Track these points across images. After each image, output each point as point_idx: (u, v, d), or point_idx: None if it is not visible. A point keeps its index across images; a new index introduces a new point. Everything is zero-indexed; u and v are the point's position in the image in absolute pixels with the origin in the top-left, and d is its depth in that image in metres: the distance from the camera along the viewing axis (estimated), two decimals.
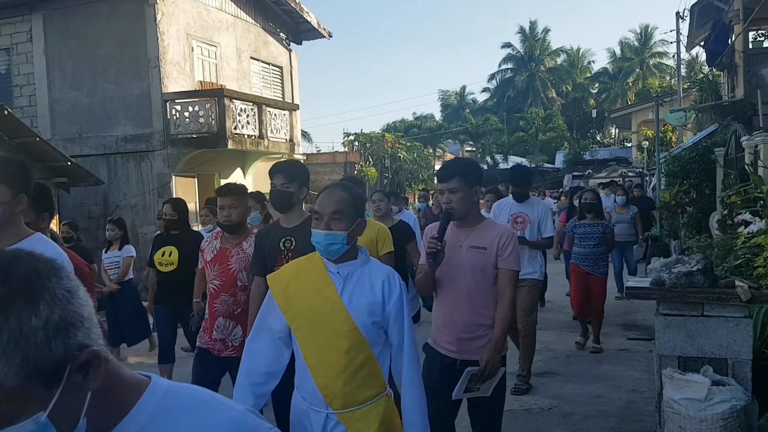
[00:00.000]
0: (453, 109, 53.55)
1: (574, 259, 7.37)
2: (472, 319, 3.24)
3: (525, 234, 5.70)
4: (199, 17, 15.09)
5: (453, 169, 3.28)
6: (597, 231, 7.20)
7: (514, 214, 5.83)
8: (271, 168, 3.76)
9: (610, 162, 31.84)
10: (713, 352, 3.81)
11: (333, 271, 2.51)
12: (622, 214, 10.07)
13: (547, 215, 5.90)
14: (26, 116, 14.09)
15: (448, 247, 3.12)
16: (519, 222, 5.80)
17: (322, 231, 2.44)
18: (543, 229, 5.85)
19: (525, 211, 5.84)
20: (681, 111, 15.62)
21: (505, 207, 5.96)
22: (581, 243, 7.25)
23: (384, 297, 2.49)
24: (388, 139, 24.84)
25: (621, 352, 7.05)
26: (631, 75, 47.22)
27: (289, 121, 16.10)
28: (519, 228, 5.70)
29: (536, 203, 6.05)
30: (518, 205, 5.89)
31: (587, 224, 7.25)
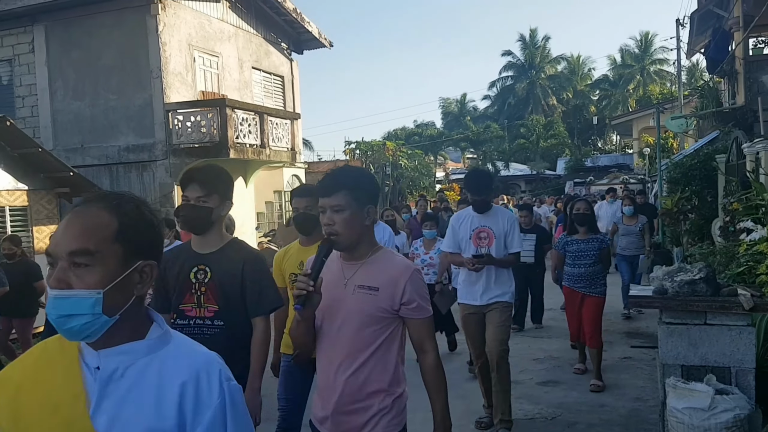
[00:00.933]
0: (454, 117, 53.61)
1: (567, 281, 6.37)
2: (355, 384, 2.41)
3: (491, 251, 4.97)
4: (201, 28, 15.15)
5: (338, 181, 2.45)
6: (592, 247, 6.18)
7: (477, 228, 5.03)
8: (183, 175, 3.09)
9: (612, 169, 31.87)
10: (716, 360, 3.81)
11: (91, 365, 1.37)
12: (630, 226, 9.28)
13: (513, 227, 5.09)
14: (28, 127, 14.14)
15: (331, 286, 2.35)
16: (483, 237, 5.03)
17: (53, 290, 1.31)
18: (509, 244, 5.04)
19: (489, 224, 5.02)
20: (682, 118, 15.63)
21: (466, 220, 5.11)
22: (575, 262, 6.24)
23: (181, 418, 1.33)
24: (389, 147, 24.88)
25: (624, 360, 7.04)
26: (631, 82, 47.29)
27: (290, 130, 16.13)
28: (484, 244, 5.01)
29: (500, 214, 5.15)
30: (480, 217, 5.05)
31: (580, 240, 6.23)
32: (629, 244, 9.25)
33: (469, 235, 5.03)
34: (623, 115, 33.95)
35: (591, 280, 6.22)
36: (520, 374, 6.63)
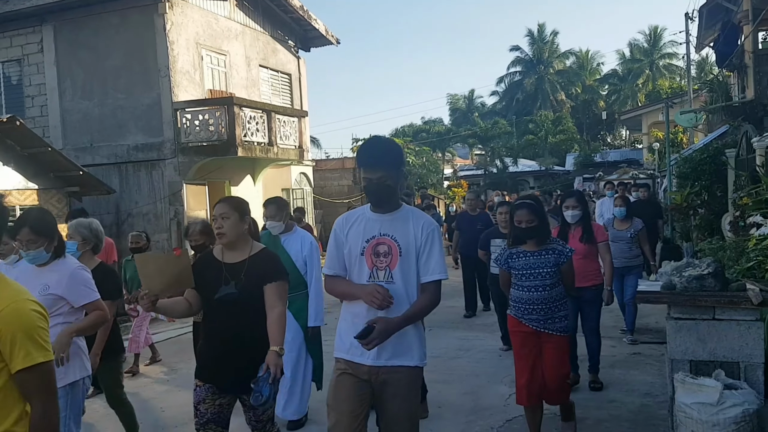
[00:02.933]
0: (462, 113, 53.51)
1: (513, 311, 4.56)
2: None
3: (393, 276, 3.06)
4: (208, 26, 15.19)
5: None
6: (546, 262, 4.42)
7: (373, 239, 3.10)
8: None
9: (621, 164, 31.71)
10: (725, 355, 3.80)
11: None
12: (621, 231, 7.60)
13: (432, 240, 3.11)
14: (38, 126, 14.24)
15: None
16: (381, 254, 3.08)
17: None
18: (424, 267, 3.09)
19: (392, 232, 3.10)
20: (691, 112, 15.55)
21: (356, 224, 3.17)
22: (522, 283, 4.47)
23: None
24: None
25: (634, 355, 7.02)
26: (640, 76, 47.06)
27: (298, 127, 16.16)
28: (382, 265, 3.06)
29: (414, 217, 3.17)
30: (380, 220, 3.14)
31: (529, 252, 4.47)
32: (619, 251, 7.43)
33: (360, 249, 3.10)
34: (632, 110, 33.77)
35: (548, 308, 4.41)
36: None
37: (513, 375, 5.68)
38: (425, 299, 3.09)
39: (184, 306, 3.62)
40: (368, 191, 3.11)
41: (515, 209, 4.54)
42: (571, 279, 4.57)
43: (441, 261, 3.13)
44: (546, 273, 4.41)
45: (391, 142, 3.28)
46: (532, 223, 4.39)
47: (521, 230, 4.45)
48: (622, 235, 7.60)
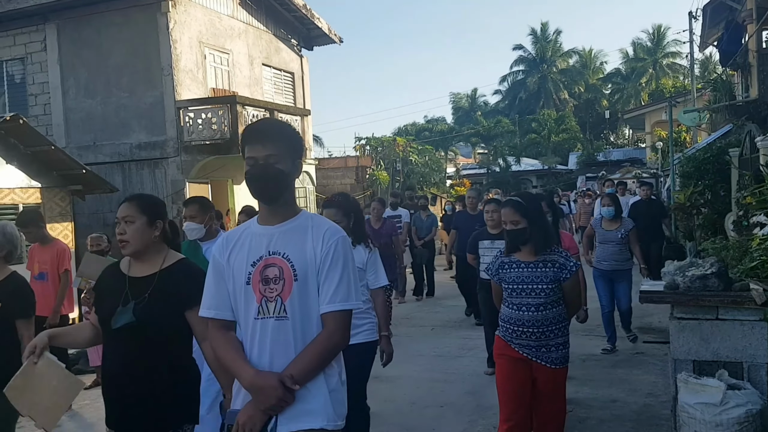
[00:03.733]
0: (464, 112, 53.48)
1: (502, 332, 3.85)
2: None
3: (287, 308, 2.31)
4: (211, 25, 15.20)
5: None
6: (543, 276, 3.69)
7: (261, 260, 2.34)
8: None
9: (624, 163, 31.69)
10: (728, 355, 3.79)
11: None
12: (609, 232, 7.16)
13: (336, 257, 2.33)
14: (41, 125, 14.25)
15: None
16: (272, 279, 2.32)
17: None
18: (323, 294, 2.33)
19: (284, 249, 2.35)
20: (695, 111, 15.51)
21: (241, 242, 2.41)
22: (515, 300, 3.75)
23: None
24: (399, 142, 24.86)
25: (636, 355, 7.01)
26: (644, 75, 46.95)
27: (300, 126, 16.16)
28: (272, 294, 2.31)
29: (316, 225, 2.41)
30: (268, 235, 2.38)
31: (524, 263, 3.76)
32: (607, 254, 7.16)
33: (245, 277, 2.33)
34: (636, 109, 33.73)
35: (541, 335, 3.68)
36: None
37: None
38: (319, 342, 2.25)
39: (87, 333, 3.01)
40: (251, 177, 2.32)
41: (504, 208, 3.89)
42: (576, 299, 3.84)
43: (346, 284, 2.31)
44: (541, 290, 3.64)
45: (287, 124, 2.63)
46: (517, 225, 3.70)
47: (508, 233, 3.83)
48: (611, 236, 7.14)
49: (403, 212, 11.19)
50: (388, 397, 5.87)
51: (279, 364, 2.25)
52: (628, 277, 7.25)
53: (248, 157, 2.33)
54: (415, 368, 6.80)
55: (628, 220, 7.42)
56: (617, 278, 7.21)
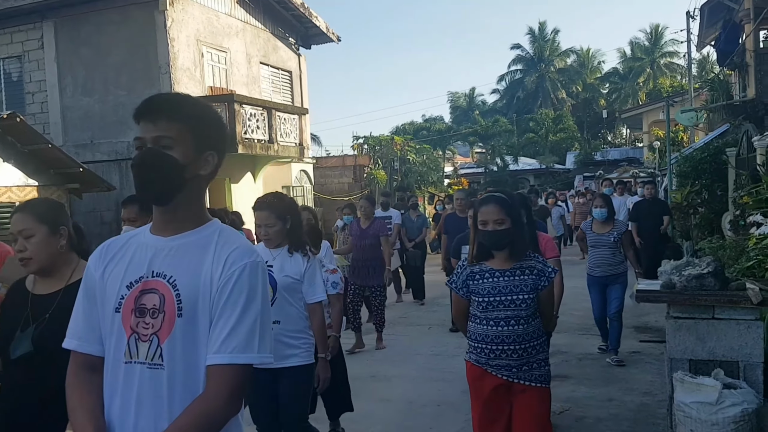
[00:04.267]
0: (462, 111, 53.49)
1: (475, 356, 3.30)
2: None
3: (164, 352, 1.71)
4: (209, 23, 15.18)
5: None
6: (523, 285, 3.21)
7: (137, 284, 1.74)
8: None
9: (622, 162, 31.74)
10: (724, 355, 3.80)
11: None
12: (601, 235, 6.74)
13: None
14: (38, 123, 14.23)
15: None
16: (148, 311, 1.72)
17: None
18: (212, 339, 1.68)
19: (171, 271, 1.75)
20: (692, 111, 15.53)
21: (121, 256, 1.81)
22: (488, 314, 3.23)
23: None
24: (397, 141, 24.84)
25: (633, 354, 7.02)
26: (641, 75, 47.01)
27: (298, 125, 16.16)
28: (147, 333, 1.71)
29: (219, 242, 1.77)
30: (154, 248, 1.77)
31: (499, 272, 3.24)
32: (600, 259, 6.75)
33: (115, 302, 1.74)
34: (633, 109, 33.75)
35: (524, 352, 3.19)
36: None
37: None
38: (196, 407, 1.63)
39: None
40: (132, 165, 1.74)
41: (480, 205, 3.26)
42: (550, 309, 3.37)
43: (247, 329, 1.66)
44: (522, 300, 3.16)
45: (200, 101, 1.92)
46: (501, 226, 3.15)
47: (488, 236, 3.18)
48: (603, 239, 6.71)
49: (394, 213, 10.72)
50: (386, 396, 5.88)
51: (145, 427, 1.66)
52: (622, 281, 6.80)
53: (135, 138, 1.76)
54: (412, 367, 6.81)
55: (622, 223, 7.05)
56: (610, 283, 6.76)
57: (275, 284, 3.51)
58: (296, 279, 3.60)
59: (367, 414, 5.41)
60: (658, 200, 10.57)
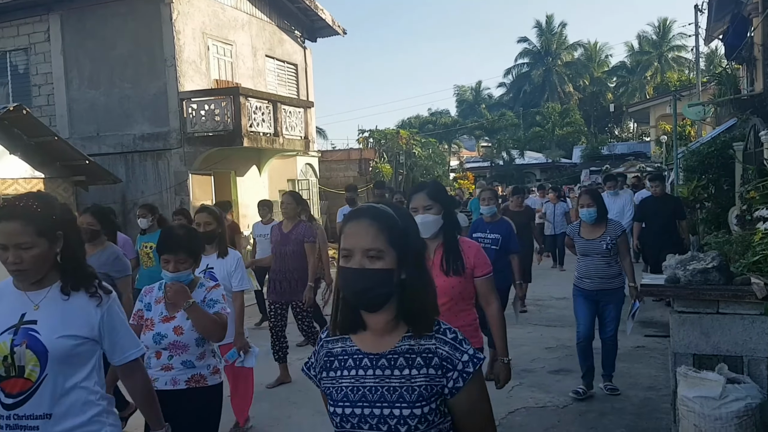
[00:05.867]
0: (468, 105, 53.37)
1: None
2: None
3: None
4: (215, 16, 15.17)
5: None
6: (406, 391, 1.67)
7: None
8: None
9: (629, 157, 31.60)
10: (728, 349, 3.78)
11: None
12: (592, 241, 5.50)
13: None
14: (45, 115, 14.26)
15: None
16: None
17: None
18: None
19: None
20: (699, 105, 15.43)
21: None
22: None
23: None
24: (402, 135, 24.79)
25: (638, 349, 7.01)
26: (649, 69, 46.79)
27: (303, 118, 16.14)
28: None
29: None
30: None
31: (371, 358, 1.74)
32: (590, 269, 5.50)
33: None
34: (640, 103, 33.59)
35: None
36: (532, 363, 6.63)
37: (516, 367, 5.67)
38: None
39: None
40: None
41: (345, 223, 1.80)
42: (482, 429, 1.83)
43: None
44: (399, 421, 1.66)
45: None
46: (376, 262, 1.74)
47: (350, 280, 1.86)
48: (593, 246, 5.48)
49: None
50: None
51: None
52: (617, 299, 5.52)
53: None
54: None
55: (616, 224, 5.66)
56: (604, 299, 5.51)
57: (42, 353, 2.19)
58: (81, 339, 2.25)
59: None
60: (669, 197, 9.52)
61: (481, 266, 3.31)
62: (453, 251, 3.20)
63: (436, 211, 3.17)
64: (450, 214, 3.25)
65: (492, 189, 7.26)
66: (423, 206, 3.16)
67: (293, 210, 6.44)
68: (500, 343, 3.36)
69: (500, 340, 3.35)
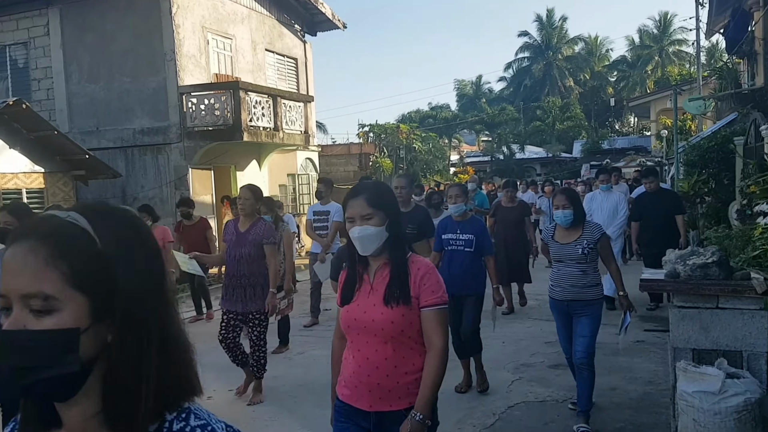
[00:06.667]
0: (469, 99, 53.29)
1: None
2: None
3: None
4: (214, 10, 15.13)
5: None
6: None
7: None
8: None
9: (629, 151, 31.56)
10: (728, 344, 3.78)
11: None
12: (567, 245, 4.79)
13: None
14: (44, 110, 14.25)
15: None
16: None
17: None
18: None
19: None
20: (700, 99, 15.40)
21: None
22: None
23: None
24: (403, 129, 24.79)
25: (637, 343, 7.01)
26: (650, 63, 46.71)
27: (303, 112, 16.12)
28: None
29: None
30: None
31: None
32: (562, 277, 4.80)
33: None
34: (641, 97, 33.56)
35: None
36: (532, 357, 6.64)
37: (516, 362, 5.70)
38: None
39: None
40: None
41: None
42: None
43: None
44: None
45: None
46: None
47: None
48: (568, 251, 4.77)
49: (333, 207, 8.42)
50: None
51: None
52: (591, 312, 4.73)
53: None
54: None
55: (595, 226, 4.91)
56: (576, 311, 4.76)
57: None
58: None
59: None
60: (665, 192, 8.75)
61: (430, 293, 2.47)
62: (400, 274, 2.47)
63: (377, 222, 2.46)
64: (396, 225, 2.53)
65: (460, 185, 6.77)
66: (361, 215, 2.46)
67: (251, 206, 5.63)
68: (428, 394, 2.45)
69: (428, 391, 2.45)
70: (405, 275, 2.48)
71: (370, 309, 2.49)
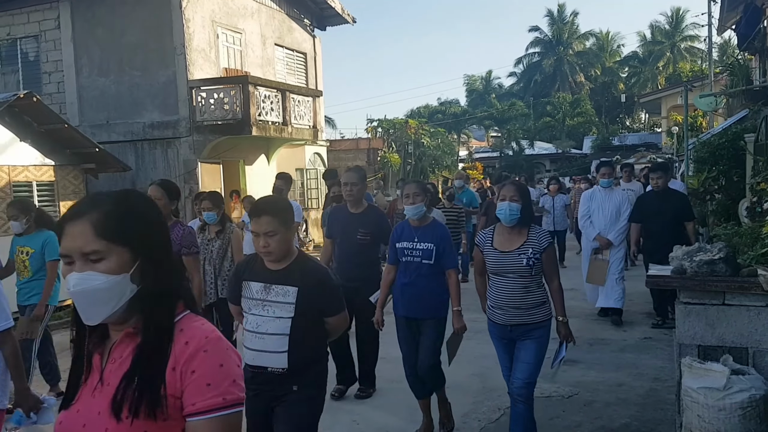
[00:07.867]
0: (478, 94, 53.10)
1: None
2: None
3: None
4: (224, 4, 15.15)
5: None
6: None
7: None
8: None
9: (640, 148, 31.43)
10: (734, 341, 3.77)
11: None
12: (508, 254, 3.97)
13: None
14: (55, 103, 14.31)
15: None
16: None
17: None
18: None
19: None
20: (711, 96, 15.29)
21: None
22: None
23: None
24: (411, 125, 24.75)
25: (645, 340, 7.00)
26: (661, 59, 46.40)
27: (312, 107, 16.13)
28: None
29: None
30: None
31: None
32: (502, 295, 4.00)
33: None
34: (652, 93, 33.36)
35: None
36: None
37: None
38: None
39: None
40: None
41: None
42: None
43: None
44: None
45: None
46: None
47: None
48: (509, 262, 3.94)
49: (296, 204, 7.94)
50: (395, 378, 5.89)
51: None
52: (539, 337, 4.00)
53: None
54: None
55: (543, 233, 4.07)
56: (520, 336, 4.01)
57: None
58: None
59: (374, 396, 5.47)
60: (673, 193, 7.77)
61: (202, 389, 1.41)
62: (150, 356, 1.44)
63: (113, 265, 1.44)
64: (156, 266, 1.50)
65: (419, 182, 5.50)
66: (82, 253, 1.44)
67: (164, 207, 4.56)
68: None
69: None
70: (160, 357, 1.42)
71: (93, 421, 1.42)
